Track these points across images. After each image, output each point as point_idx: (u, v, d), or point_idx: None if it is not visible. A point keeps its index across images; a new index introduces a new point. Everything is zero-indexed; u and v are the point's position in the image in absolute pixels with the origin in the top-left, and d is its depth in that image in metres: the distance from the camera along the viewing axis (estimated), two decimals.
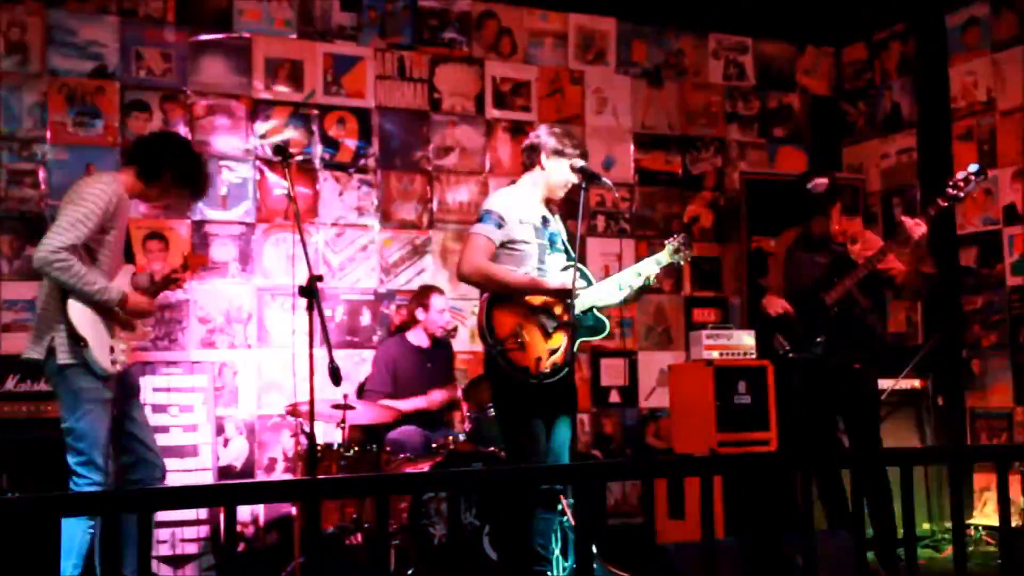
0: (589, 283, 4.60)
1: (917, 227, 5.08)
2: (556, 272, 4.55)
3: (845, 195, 6.03)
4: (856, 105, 7.97)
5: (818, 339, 5.30)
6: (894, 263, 5.27)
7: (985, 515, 6.64)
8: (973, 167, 5.12)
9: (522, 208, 4.54)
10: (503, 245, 4.47)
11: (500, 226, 4.45)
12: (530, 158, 4.63)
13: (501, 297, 4.42)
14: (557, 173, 4.57)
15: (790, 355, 5.39)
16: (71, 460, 4.40)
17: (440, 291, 6.22)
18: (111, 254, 4.48)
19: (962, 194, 5.10)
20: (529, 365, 4.38)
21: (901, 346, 7.35)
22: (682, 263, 4.71)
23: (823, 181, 5.42)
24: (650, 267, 4.60)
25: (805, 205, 5.45)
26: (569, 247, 4.65)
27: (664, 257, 4.63)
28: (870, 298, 5.37)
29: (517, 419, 4.44)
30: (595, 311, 4.56)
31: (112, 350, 4.44)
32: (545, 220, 4.61)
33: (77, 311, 4.34)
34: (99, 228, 4.39)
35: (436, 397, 6.01)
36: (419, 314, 6.15)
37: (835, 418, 5.50)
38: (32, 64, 6.10)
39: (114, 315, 4.48)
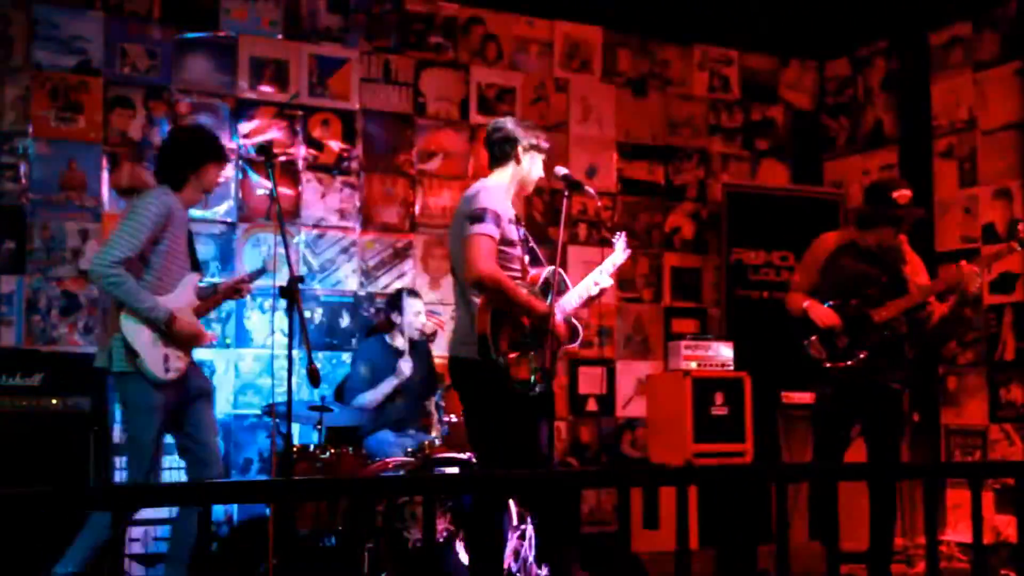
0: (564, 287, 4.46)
1: (974, 278, 4.90)
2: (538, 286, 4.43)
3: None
4: (838, 120, 8.02)
5: (861, 354, 5.06)
6: (935, 302, 5.09)
7: (958, 532, 6.68)
8: None
9: (506, 207, 4.37)
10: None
11: (498, 224, 4.25)
12: (503, 151, 4.42)
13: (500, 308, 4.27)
14: (534, 168, 4.45)
15: (826, 365, 5.13)
16: (127, 460, 4.58)
17: (415, 294, 6.21)
18: (167, 263, 4.58)
19: None
20: (527, 377, 4.26)
21: None
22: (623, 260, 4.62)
23: (908, 193, 5.10)
24: (607, 269, 4.50)
25: (879, 214, 5.10)
26: (536, 250, 4.53)
27: (619, 257, 4.54)
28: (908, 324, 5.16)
29: (517, 429, 4.30)
30: (571, 318, 4.46)
31: (167, 358, 4.53)
32: (518, 219, 4.44)
33: (130, 322, 4.47)
34: (151, 239, 4.51)
35: (404, 368, 5.93)
36: (395, 318, 6.14)
37: (851, 435, 5.31)
38: (15, 58, 6.06)
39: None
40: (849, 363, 5.06)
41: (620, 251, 4.56)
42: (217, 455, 4.76)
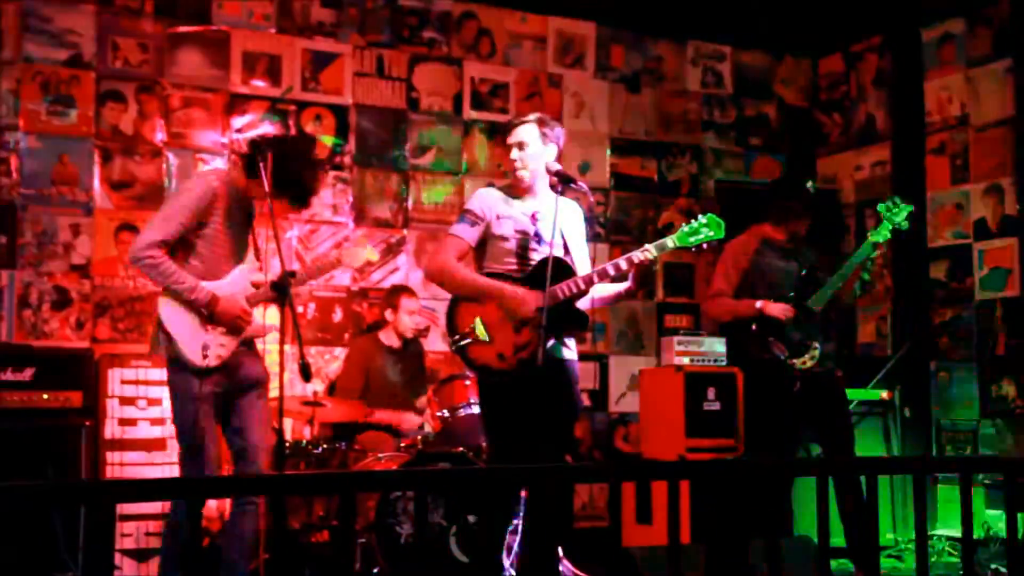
0: (571, 275, 4.29)
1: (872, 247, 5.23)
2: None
3: None
4: (831, 116, 8.02)
5: (815, 344, 5.28)
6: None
7: (948, 526, 6.69)
8: None
9: (502, 203, 4.39)
10: (484, 241, 4.37)
11: (475, 224, 4.35)
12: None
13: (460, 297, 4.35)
14: (520, 161, 4.39)
15: (791, 361, 5.29)
16: (179, 453, 4.46)
17: (411, 292, 6.21)
18: (215, 248, 4.41)
19: None
20: (490, 362, 4.23)
21: (870, 357, 7.40)
22: (704, 246, 4.39)
23: (810, 183, 5.51)
24: (657, 249, 4.31)
25: (800, 207, 5.45)
26: (568, 240, 4.39)
27: (670, 242, 4.34)
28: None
29: (499, 425, 4.29)
30: (574, 305, 4.33)
31: (207, 345, 4.37)
32: (535, 213, 4.39)
33: (167, 306, 4.35)
34: (194, 222, 4.35)
35: (408, 421, 5.98)
36: (388, 315, 6.14)
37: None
38: (6, 51, 6.04)
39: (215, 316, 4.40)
40: (809, 356, 5.27)
41: (677, 237, 4.36)
42: (262, 453, 4.52)
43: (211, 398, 4.39)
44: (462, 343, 4.24)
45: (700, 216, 4.43)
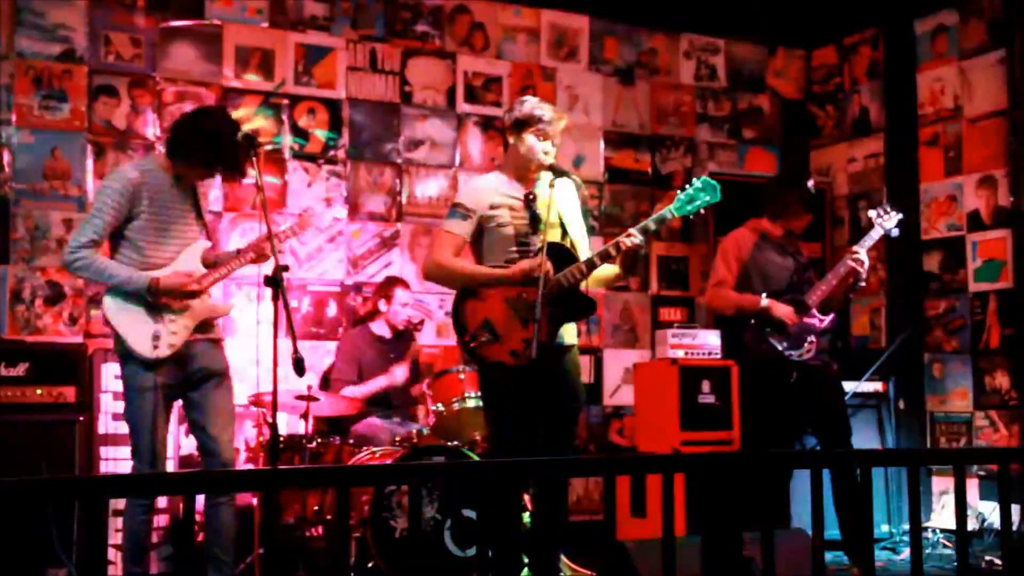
0: (572, 261, 4.31)
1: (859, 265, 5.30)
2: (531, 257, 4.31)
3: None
4: (825, 109, 8.02)
5: (810, 339, 5.36)
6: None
7: (943, 518, 6.71)
8: None
9: (494, 193, 4.39)
10: (480, 233, 4.38)
11: (466, 218, 4.35)
12: (504, 139, 4.53)
13: (470, 289, 4.32)
14: (529, 144, 4.39)
15: (789, 354, 5.36)
16: (131, 448, 4.47)
17: (405, 284, 6.20)
18: (152, 238, 4.41)
19: None
20: (503, 359, 4.24)
21: (864, 349, 7.41)
22: (701, 211, 4.34)
23: (811, 179, 5.61)
24: (656, 223, 4.31)
25: (799, 202, 5.52)
26: (565, 221, 4.38)
27: (668, 214, 4.32)
28: None
29: (502, 417, 4.29)
30: (580, 290, 4.31)
31: (157, 335, 4.34)
32: (530, 198, 4.37)
33: (109, 301, 4.37)
34: (119, 216, 4.35)
35: (398, 374, 5.98)
36: (381, 305, 6.14)
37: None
38: None
39: (161, 299, 4.38)
40: (807, 349, 5.36)
41: (675, 206, 4.33)
42: (224, 445, 4.49)
43: (162, 390, 4.38)
44: (476, 343, 4.24)
45: (695, 180, 4.41)
